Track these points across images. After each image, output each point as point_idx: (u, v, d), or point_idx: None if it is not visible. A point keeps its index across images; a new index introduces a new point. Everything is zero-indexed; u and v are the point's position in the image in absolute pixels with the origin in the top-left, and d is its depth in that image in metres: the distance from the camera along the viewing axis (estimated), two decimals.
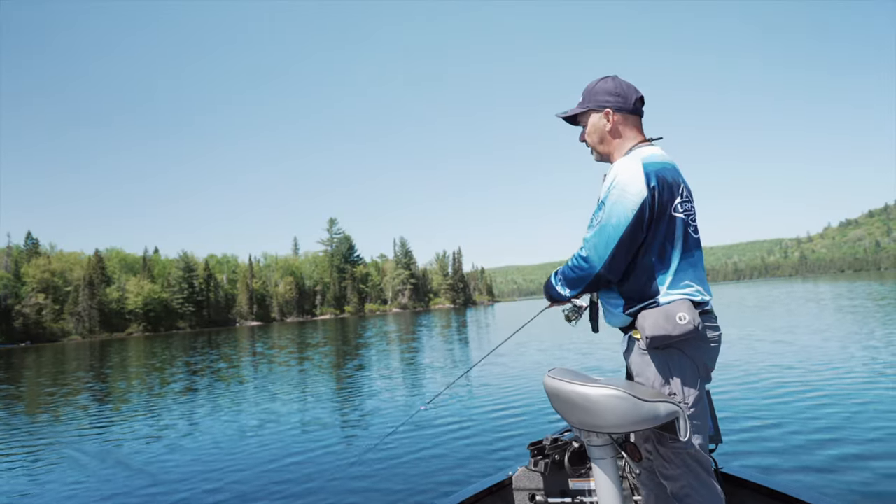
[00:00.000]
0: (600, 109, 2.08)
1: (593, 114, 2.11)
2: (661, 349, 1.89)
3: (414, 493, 4.60)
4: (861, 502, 3.70)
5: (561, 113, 2.20)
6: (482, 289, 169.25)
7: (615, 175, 1.93)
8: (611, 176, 1.96)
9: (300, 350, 23.39)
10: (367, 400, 9.39)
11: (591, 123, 2.12)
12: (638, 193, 1.86)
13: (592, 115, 2.11)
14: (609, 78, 2.12)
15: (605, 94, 2.08)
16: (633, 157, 1.96)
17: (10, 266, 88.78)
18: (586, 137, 2.16)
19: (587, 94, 2.13)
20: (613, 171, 1.96)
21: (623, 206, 1.87)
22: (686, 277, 1.94)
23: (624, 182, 1.89)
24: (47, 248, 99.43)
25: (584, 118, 2.15)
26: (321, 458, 5.87)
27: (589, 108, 2.11)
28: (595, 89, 2.11)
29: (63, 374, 20.13)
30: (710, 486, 1.91)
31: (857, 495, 3.81)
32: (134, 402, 11.54)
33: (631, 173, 1.89)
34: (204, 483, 5.32)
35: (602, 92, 2.09)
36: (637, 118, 2.10)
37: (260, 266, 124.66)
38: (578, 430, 1.99)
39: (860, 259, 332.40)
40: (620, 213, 1.87)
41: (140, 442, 7.41)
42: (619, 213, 1.87)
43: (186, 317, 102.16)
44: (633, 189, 1.87)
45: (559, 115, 2.20)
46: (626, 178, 1.89)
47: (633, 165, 1.91)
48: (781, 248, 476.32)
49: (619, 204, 1.88)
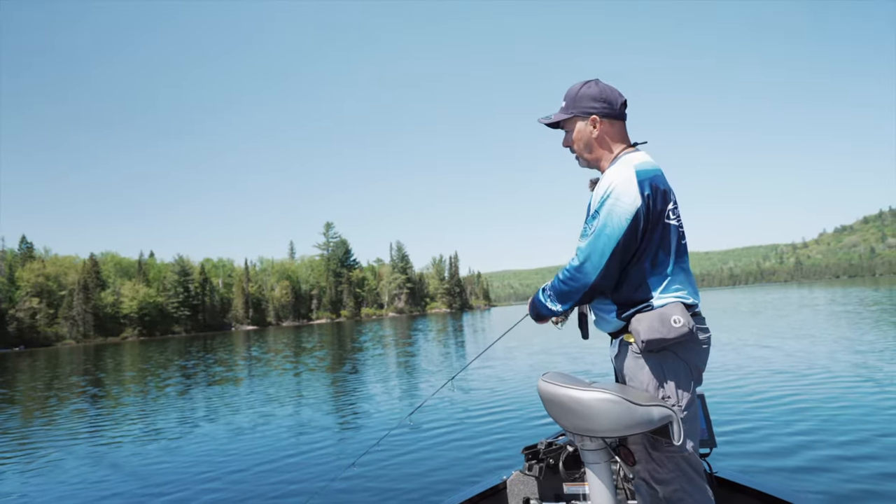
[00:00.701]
0: (586, 116, 2.04)
1: (579, 121, 2.06)
2: (654, 352, 1.89)
3: (408, 497, 4.59)
4: (853, 503, 3.71)
5: (544, 119, 2.14)
6: (479, 293, 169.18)
7: (609, 184, 1.90)
8: (604, 184, 1.92)
9: (295, 354, 23.33)
10: (361, 404, 9.37)
11: (578, 130, 2.07)
12: (632, 203, 1.85)
13: (578, 122, 2.06)
14: (592, 82, 2.07)
15: (590, 101, 2.03)
16: (625, 165, 1.93)
17: (4, 270, 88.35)
18: (573, 145, 2.11)
19: (571, 99, 2.07)
20: (607, 180, 1.92)
21: (618, 216, 1.85)
22: (677, 281, 1.94)
23: (618, 191, 1.86)
24: (42, 252, 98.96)
25: (570, 124, 2.10)
26: (313, 463, 5.85)
27: (574, 114, 2.06)
28: (579, 95, 2.05)
29: (58, 379, 20.03)
30: (703, 490, 1.91)
31: (847, 499, 3.82)
32: (127, 405, 11.48)
33: (625, 182, 1.87)
34: (195, 486, 5.29)
35: (587, 98, 2.04)
36: (622, 123, 2.08)
37: (256, 270, 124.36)
38: (572, 434, 1.99)
39: (855, 265, 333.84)
40: (615, 223, 1.85)
41: (133, 445, 7.37)
42: (613, 223, 1.85)
43: (182, 321, 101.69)
44: (627, 199, 1.85)
45: (542, 120, 2.15)
46: (620, 186, 1.87)
47: (627, 173, 1.89)
48: (777, 254, 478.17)
49: (614, 213, 1.86)
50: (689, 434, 1.87)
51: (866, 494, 3.88)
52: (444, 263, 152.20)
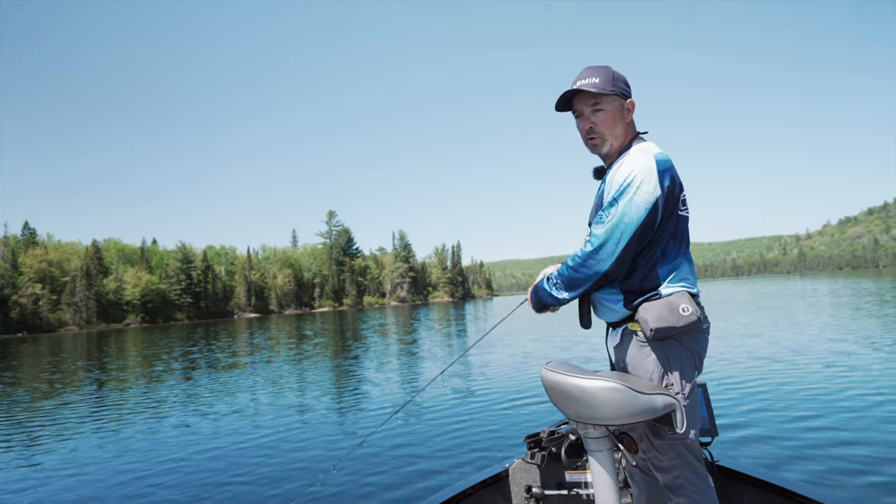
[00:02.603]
0: (624, 98, 2.03)
1: (617, 100, 2.02)
2: (660, 340, 1.90)
3: (410, 484, 4.61)
4: (853, 492, 3.73)
5: (587, 85, 1.99)
6: (481, 283, 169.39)
7: (630, 171, 1.87)
8: (624, 172, 1.89)
9: (298, 342, 23.42)
10: (364, 388, 9.41)
11: (613, 109, 2.01)
12: (652, 192, 1.85)
13: (616, 101, 2.02)
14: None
15: (624, 84, 2.03)
16: (645, 154, 1.91)
17: (7, 256, 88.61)
18: (600, 122, 2.02)
19: (609, 79, 2.00)
20: (627, 167, 1.89)
21: (637, 205, 1.85)
22: (684, 271, 1.95)
23: (640, 180, 1.85)
24: (44, 238, 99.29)
25: (607, 102, 2.01)
26: (315, 450, 5.88)
27: (615, 92, 2.00)
28: (616, 77, 2.02)
29: (60, 364, 20.14)
30: (704, 476, 1.92)
31: (848, 486, 3.83)
32: (134, 388, 11.54)
33: (647, 171, 1.86)
34: (204, 465, 5.34)
35: (622, 81, 2.03)
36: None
37: (258, 258, 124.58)
38: (575, 423, 1.99)
39: (859, 256, 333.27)
40: (634, 211, 1.84)
41: (140, 426, 7.41)
42: (632, 211, 1.85)
43: (184, 308, 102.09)
44: (647, 188, 1.85)
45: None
46: (642, 175, 1.86)
47: (649, 163, 1.88)
48: (780, 245, 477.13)
49: (634, 202, 1.85)
50: (690, 422, 1.88)
51: (865, 481, 3.91)
52: (446, 252, 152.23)
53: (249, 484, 4.91)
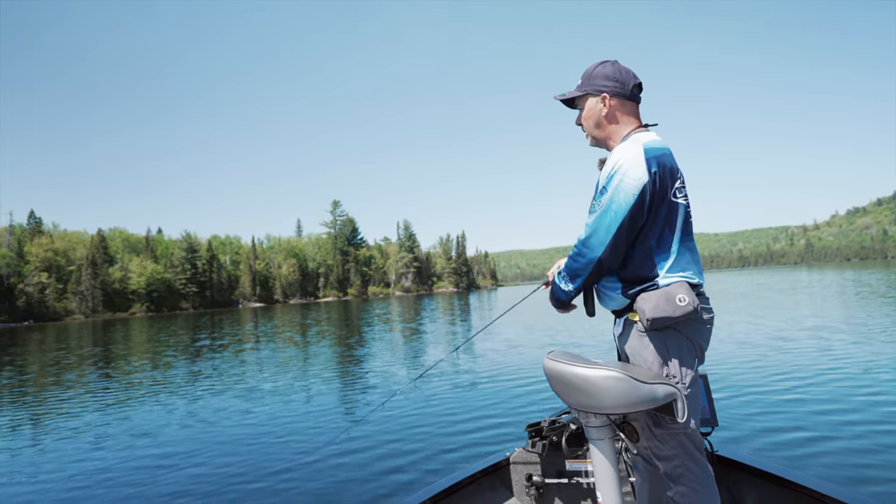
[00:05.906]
0: (597, 94, 2.08)
1: (590, 98, 2.10)
2: (659, 330, 1.91)
3: (411, 472, 4.65)
4: (853, 481, 3.74)
5: (559, 95, 2.20)
6: (486, 273, 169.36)
7: (617, 160, 1.92)
8: (612, 161, 1.95)
9: (302, 331, 23.52)
10: (366, 374, 9.46)
11: (588, 107, 2.12)
12: (639, 178, 1.87)
13: (589, 99, 2.11)
14: (608, 63, 2.11)
15: (602, 79, 2.08)
16: (633, 143, 1.95)
17: (13, 245, 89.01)
18: (582, 121, 2.17)
19: (585, 77, 2.12)
20: (615, 156, 1.95)
21: (624, 191, 1.87)
22: (683, 261, 1.95)
23: (626, 167, 1.89)
24: (50, 227, 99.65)
25: (582, 101, 2.15)
26: (315, 436, 5.93)
27: (586, 91, 2.10)
28: (594, 73, 2.10)
29: (67, 352, 20.30)
30: (704, 466, 1.94)
31: (847, 478, 3.84)
32: (141, 374, 11.63)
33: (632, 158, 1.89)
34: (213, 448, 5.39)
35: (600, 76, 2.08)
36: (634, 105, 2.10)
37: (263, 247, 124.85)
38: (577, 412, 2.00)
39: (867, 247, 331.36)
40: (622, 198, 1.87)
41: (147, 412, 7.48)
42: (620, 198, 1.87)
43: (189, 297, 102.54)
44: (634, 174, 1.87)
45: (557, 97, 2.21)
46: (628, 163, 1.89)
47: (635, 150, 1.91)
48: (787, 236, 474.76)
49: (621, 189, 1.88)
50: (691, 412, 1.89)
51: (865, 471, 3.92)
52: (451, 243, 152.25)
53: (259, 461, 4.95)
